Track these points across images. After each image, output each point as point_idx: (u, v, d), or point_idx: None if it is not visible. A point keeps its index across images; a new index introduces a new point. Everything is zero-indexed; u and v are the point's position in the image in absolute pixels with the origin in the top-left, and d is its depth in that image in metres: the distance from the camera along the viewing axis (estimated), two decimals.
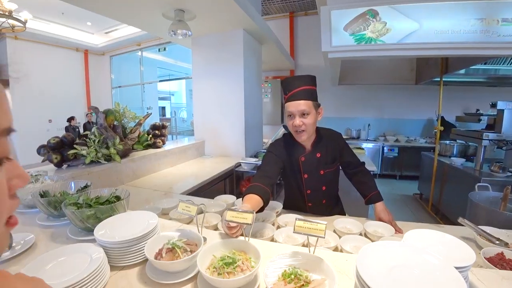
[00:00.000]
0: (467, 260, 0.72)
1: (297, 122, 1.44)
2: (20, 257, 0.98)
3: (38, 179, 1.50)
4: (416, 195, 5.34)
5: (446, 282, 0.55)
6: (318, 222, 0.81)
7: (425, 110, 6.62)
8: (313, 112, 1.46)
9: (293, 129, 1.50)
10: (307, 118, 1.45)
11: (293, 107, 1.44)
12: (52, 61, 8.45)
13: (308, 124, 1.45)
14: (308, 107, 1.43)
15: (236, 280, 0.71)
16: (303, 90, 1.44)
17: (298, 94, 1.44)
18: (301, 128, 1.46)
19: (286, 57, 5.57)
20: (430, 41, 2.70)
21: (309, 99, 1.45)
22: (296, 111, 1.44)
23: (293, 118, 1.46)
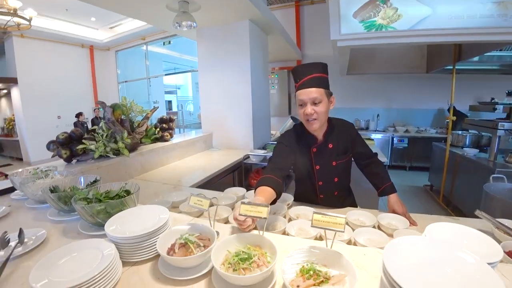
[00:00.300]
0: (494, 256, 0.68)
1: (308, 110, 1.39)
2: (32, 252, 0.97)
3: (48, 174, 1.50)
4: (426, 186, 5.24)
5: (483, 283, 0.51)
6: (337, 216, 0.78)
7: (436, 100, 6.43)
8: (325, 100, 1.41)
9: (304, 118, 1.45)
10: (319, 106, 1.39)
11: (304, 95, 1.39)
12: (58, 58, 8.49)
13: (320, 113, 1.40)
14: (320, 94, 1.38)
15: (254, 276, 0.68)
16: (314, 78, 1.38)
17: (309, 82, 1.38)
18: (313, 116, 1.40)
19: (293, 47, 5.47)
20: (443, 27, 2.60)
21: (321, 86, 1.39)
22: (308, 99, 1.39)
23: (304, 107, 1.41)
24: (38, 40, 7.84)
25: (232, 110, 3.65)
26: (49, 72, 8.22)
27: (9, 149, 9.20)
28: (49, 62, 8.23)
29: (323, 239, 1.23)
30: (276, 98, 6.90)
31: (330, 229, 0.77)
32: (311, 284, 0.68)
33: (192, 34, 3.81)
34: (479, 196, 2.30)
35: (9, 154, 9.28)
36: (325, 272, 0.72)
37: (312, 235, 1.24)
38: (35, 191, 1.34)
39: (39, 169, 1.61)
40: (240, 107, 3.60)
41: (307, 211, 1.51)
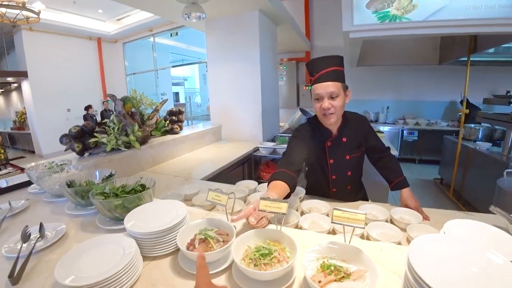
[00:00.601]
0: None
1: (326, 105, 1.37)
2: (53, 246, 0.99)
3: (63, 168, 1.52)
4: (436, 180, 5.18)
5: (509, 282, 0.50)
6: (357, 212, 0.77)
7: (448, 92, 6.28)
8: (342, 94, 1.40)
9: (321, 112, 1.43)
10: (336, 100, 1.38)
11: (321, 89, 1.37)
12: (67, 51, 8.55)
13: (337, 107, 1.39)
14: (337, 88, 1.36)
15: (276, 272, 0.68)
16: (331, 71, 1.36)
17: (326, 76, 1.36)
18: (330, 111, 1.39)
19: (302, 38, 5.39)
20: (460, 18, 2.50)
21: (338, 80, 1.38)
22: (325, 93, 1.37)
23: (321, 101, 1.39)
24: (46, 33, 7.89)
25: (241, 102, 3.64)
26: (58, 65, 8.28)
27: (22, 142, 9.40)
28: (58, 55, 8.29)
29: (336, 233, 1.23)
30: (284, 90, 6.84)
31: (350, 225, 0.77)
32: (332, 279, 0.68)
33: (201, 25, 3.78)
34: (492, 191, 2.27)
35: (21, 147, 9.50)
36: (345, 267, 0.71)
37: (325, 229, 1.24)
38: (52, 185, 1.37)
39: (54, 163, 1.63)
40: (249, 99, 3.57)
41: (319, 204, 1.51)
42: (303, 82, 6.96)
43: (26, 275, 0.83)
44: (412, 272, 0.54)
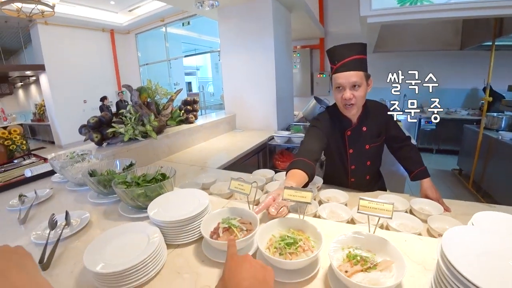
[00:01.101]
0: None
1: (347, 95, 1.33)
2: (79, 234, 1.02)
3: (84, 158, 1.55)
4: (454, 170, 5.03)
5: None
6: (384, 202, 0.75)
7: (469, 79, 5.95)
8: (364, 84, 1.35)
9: (342, 103, 1.39)
10: (358, 90, 1.33)
11: (343, 78, 1.32)
12: (81, 44, 8.65)
13: (358, 97, 1.34)
14: (359, 78, 1.31)
15: (302, 261, 0.68)
16: (354, 60, 1.31)
17: (348, 64, 1.31)
18: (351, 101, 1.35)
19: (316, 25, 5.25)
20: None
21: (361, 70, 1.32)
22: (347, 83, 1.32)
23: (343, 91, 1.35)
24: (61, 27, 7.99)
25: (256, 90, 3.60)
26: (73, 58, 8.42)
27: (42, 133, 9.71)
28: (73, 48, 8.41)
29: (355, 223, 1.22)
30: (298, 78, 6.73)
31: (377, 215, 0.75)
32: (359, 269, 0.67)
33: (213, 13, 3.73)
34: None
35: (42, 138, 9.82)
36: (371, 258, 0.70)
37: (344, 218, 1.23)
38: (75, 175, 1.40)
39: (75, 153, 1.68)
40: (263, 87, 3.54)
41: (338, 194, 1.49)
42: (317, 70, 6.81)
43: (55, 261, 0.86)
44: (447, 264, 0.52)
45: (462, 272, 0.48)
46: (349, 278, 0.62)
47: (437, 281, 0.56)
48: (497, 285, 0.45)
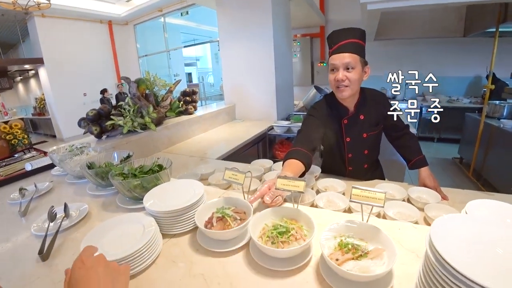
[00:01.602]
0: None
1: (339, 76, 1.31)
2: (77, 225, 1.04)
3: (83, 151, 1.56)
4: (455, 159, 5.01)
5: None
6: (376, 191, 0.75)
7: (472, 66, 5.84)
8: (359, 68, 1.33)
9: (334, 85, 1.37)
10: (352, 72, 1.31)
11: (337, 59, 1.31)
12: (79, 36, 8.60)
13: (352, 80, 1.32)
14: (353, 60, 1.30)
15: (293, 249, 0.69)
16: (350, 43, 1.30)
17: (344, 47, 1.30)
18: (344, 83, 1.33)
19: (316, 12, 5.16)
20: None
21: (356, 53, 1.31)
22: (340, 64, 1.31)
23: (336, 72, 1.33)
24: (58, 19, 7.92)
25: (255, 80, 3.57)
26: (71, 50, 8.38)
27: (43, 127, 9.74)
28: (71, 41, 8.36)
29: (352, 212, 1.23)
30: (298, 67, 6.66)
31: (369, 204, 0.75)
32: (350, 258, 0.68)
33: (212, 3, 3.67)
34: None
35: (43, 131, 9.85)
36: (363, 246, 0.71)
37: (341, 207, 1.23)
38: (74, 167, 1.42)
39: (74, 146, 1.69)
40: (263, 77, 3.50)
41: (335, 183, 1.50)
42: (318, 59, 6.74)
43: (54, 252, 0.88)
44: (434, 252, 0.52)
45: (447, 259, 0.48)
46: (339, 266, 0.63)
47: (425, 269, 0.57)
48: (481, 273, 0.45)
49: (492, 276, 0.46)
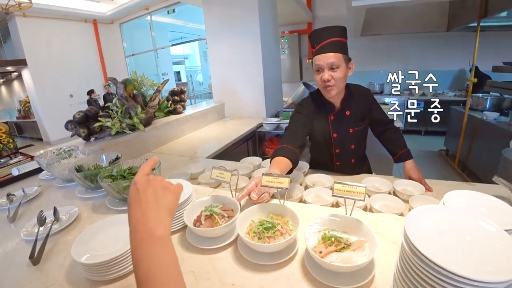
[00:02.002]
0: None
1: (325, 76, 1.35)
2: (68, 228, 1.04)
3: (71, 154, 1.56)
4: (442, 151, 5.14)
5: (502, 250, 0.51)
6: (357, 185, 0.79)
7: (457, 60, 5.99)
8: (343, 66, 1.36)
9: (321, 85, 1.41)
10: (337, 72, 1.35)
11: (321, 60, 1.34)
12: (63, 36, 8.38)
13: (337, 79, 1.36)
14: (337, 59, 1.33)
15: (278, 244, 0.72)
16: (332, 42, 1.33)
17: (327, 46, 1.33)
18: (330, 83, 1.36)
19: (303, 9, 5.19)
20: None
21: (339, 51, 1.34)
22: (325, 64, 1.34)
23: (321, 72, 1.37)
24: (40, 19, 7.70)
25: (243, 78, 3.59)
26: (56, 51, 8.17)
27: (29, 131, 9.48)
28: (55, 41, 8.15)
29: (340, 206, 1.26)
30: (286, 64, 6.69)
31: (350, 198, 0.79)
32: (333, 250, 0.71)
33: (198, 0, 3.65)
34: (497, 161, 2.25)
35: (29, 135, 9.58)
36: (345, 238, 0.74)
37: (329, 202, 1.26)
38: (62, 171, 1.41)
39: (62, 149, 1.68)
40: (251, 74, 3.52)
41: (323, 178, 1.53)
42: (306, 55, 6.78)
43: (45, 256, 0.88)
44: (407, 241, 0.55)
45: (418, 247, 0.52)
46: (322, 259, 0.66)
47: (401, 258, 0.60)
48: (449, 259, 0.49)
49: (459, 261, 0.49)
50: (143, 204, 0.49)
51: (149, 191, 0.52)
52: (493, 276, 0.44)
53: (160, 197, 0.51)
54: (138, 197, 0.51)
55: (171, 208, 0.51)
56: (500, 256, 0.50)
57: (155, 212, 0.49)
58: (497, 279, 0.44)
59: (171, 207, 0.52)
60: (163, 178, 0.57)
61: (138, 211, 0.49)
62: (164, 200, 0.51)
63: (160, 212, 0.49)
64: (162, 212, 0.49)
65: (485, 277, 0.44)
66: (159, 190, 0.52)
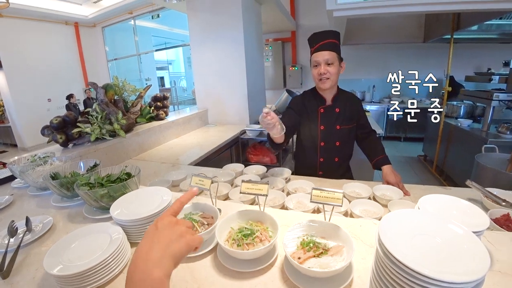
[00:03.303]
0: (481, 225, 0.72)
1: (322, 70, 1.58)
2: (41, 239, 1.00)
3: (46, 161, 1.50)
4: (420, 156, 5.34)
5: (468, 250, 0.54)
6: (335, 191, 0.80)
7: (433, 70, 6.19)
8: (337, 64, 1.60)
9: (317, 77, 1.62)
10: (331, 67, 1.58)
11: (319, 56, 1.58)
12: (42, 38, 8.11)
13: (332, 73, 1.59)
14: (332, 57, 1.57)
15: (257, 251, 0.72)
16: (328, 43, 1.57)
17: (324, 46, 1.57)
18: (325, 75, 1.59)
19: (287, 17, 5.28)
20: None
21: (334, 51, 1.58)
22: (322, 60, 1.58)
23: (319, 67, 1.60)
24: (18, 19, 7.43)
25: (227, 84, 3.60)
26: (34, 53, 7.89)
27: (2, 136, 9.00)
28: (33, 43, 7.87)
29: (321, 212, 1.28)
30: (270, 71, 6.77)
31: (328, 203, 0.80)
32: (311, 255, 0.72)
33: (182, 6, 3.66)
34: (471, 166, 2.37)
35: (3, 141, 9.09)
36: (324, 244, 0.75)
37: (310, 208, 1.28)
38: (36, 179, 1.35)
39: (37, 156, 1.61)
40: (234, 81, 3.54)
41: (305, 185, 1.56)
42: (290, 63, 6.88)
43: (15, 269, 0.84)
44: (381, 245, 0.57)
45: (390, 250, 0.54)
46: (300, 264, 0.67)
47: (376, 262, 0.62)
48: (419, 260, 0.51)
49: (429, 263, 0.51)
50: (152, 243, 0.50)
51: (165, 233, 0.51)
52: (461, 277, 0.47)
53: (171, 242, 0.50)
54: (152, 234, 0.51)
55: (177, 257, 0.50)
56: (467, 257, 0.52)
57: (159, 254, 0.48)
58: (464, 279, 0.47)
59: (178, 256, 0.50)
60: (189, 223, 0.57)
61: (145, 247, 0.49)
62: (175, 247, 0.50)
63: (164, 256, 0.48)
64: (167, 257, 0.48)
65: (453, 278, 0.47)
66: (175, 235, 0.51)
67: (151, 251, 0.48)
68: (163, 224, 0.52)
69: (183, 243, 0.51)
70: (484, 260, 0.51)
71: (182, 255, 0.51)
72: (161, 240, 0.50)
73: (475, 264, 0.50)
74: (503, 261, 0.76)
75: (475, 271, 0.48)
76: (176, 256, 0.50)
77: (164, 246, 0.49)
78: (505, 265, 0.74)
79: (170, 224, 0.53)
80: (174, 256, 0.49)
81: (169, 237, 0.51)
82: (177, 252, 0.50)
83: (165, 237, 0.51)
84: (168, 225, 0.53)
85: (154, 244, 0.49)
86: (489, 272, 0.69)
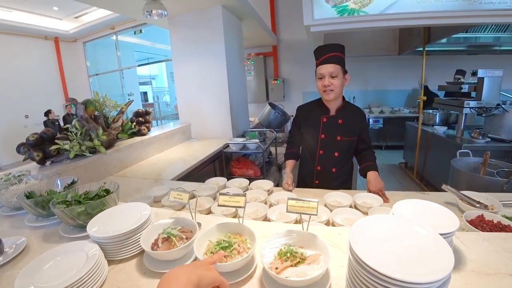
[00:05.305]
0: (451, 227, 0.76)
1: (326, 82, 1.64)
2: (13, 261, 0.96)
3: (21, 179, 1.45)
4: (401, 164, 5.52)
5: (434, 250, 0.58)
6: (310, 200, 0.83)
7: (409, 80, 6.64)
8: (341, 76, 1.66)
9: (322, 89, 1.69)
10: (335, 79, 1.64)
11: (323, 69, 1.65)
12: (20, 52, 7.95)
13: (336, 85, 1.65)
14: (336, 70, 1.63)
15: (234, 263, 0.73)
16: (333, 56, 1.64)
17: (328, 59, 1.64)
18: (330, 87, 1.65)
19: (268, 33, 5.42)
20: (413, 11, 2.68)
21: (338, 63, 1.64)
22: (326, 73, 1.64)
23: (323, 79, 1.66)
24: None
25: (209, 99, 3.63)
26: (10, 68, 7.69)
27: None
28: (10, 57, 7.69)
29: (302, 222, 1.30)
30: (253, 85, 6.87)
31: (304, 213, 0.82)
32: (288, 265, 0.73)
33: (164, 22, 3.70)
34: (448, 170, 2.47)
35: None
36: (301, 253, 0.77)
37: (292, 219, 1.30)
38: (10, 198, 1.30)
39: (11, 175, 1.56)
40: (217, 95, 3.58)
41: (286, 196, 1.57)
42: (272, 77, 7.02)
43: None
44: (352, 253, 0.60)
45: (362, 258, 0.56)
46: (277, 274, 0.68)
47: (349, 269, 0.65)
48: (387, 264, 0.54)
49: (396, 266, 0.54)
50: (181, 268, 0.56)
51: (197, 264, 0.61)
52: (427, 277, 0.50)
53: (200, 268, 0.58)
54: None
55: (201, 277, 0.55)
56: (432, 258, 0.56)
57: (187, 271, 0.55)
58: (428, 279, 0.50)
59: (202, 277, 0.55)
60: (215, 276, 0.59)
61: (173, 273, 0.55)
62: (202, 271, 0.57)
63: (190, 273, 0.55)
64: (192, 274, 0.54)
65: (418, 278, 0.50)
66: (205, 267, 0.59)
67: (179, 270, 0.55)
68: (198, 261, 0.63)
69: (212, 273, 0.58)
70: (448, 259, 0.54)
71: (206, 279, 0.55)
72: (191, 266, 0.59)
73: (441, 264, 0.54)
74: (476, 261, 0.79)
75: (441, 271, 0.51)
76: (200, 276, 0.54)
77: (193, 267, 0.57)
78: (478, 264, 0.77)
79: (204, 262, 0.63)
80: (199, 275, 0.54)
81: (199, 266, 0.59)
82: (203, 274, 0.55)
83: (195, 266, 0.59)
84: (202, 262, 0.63)
85: (183, 269, 0.56)
86: (462, 272, 0.74)
